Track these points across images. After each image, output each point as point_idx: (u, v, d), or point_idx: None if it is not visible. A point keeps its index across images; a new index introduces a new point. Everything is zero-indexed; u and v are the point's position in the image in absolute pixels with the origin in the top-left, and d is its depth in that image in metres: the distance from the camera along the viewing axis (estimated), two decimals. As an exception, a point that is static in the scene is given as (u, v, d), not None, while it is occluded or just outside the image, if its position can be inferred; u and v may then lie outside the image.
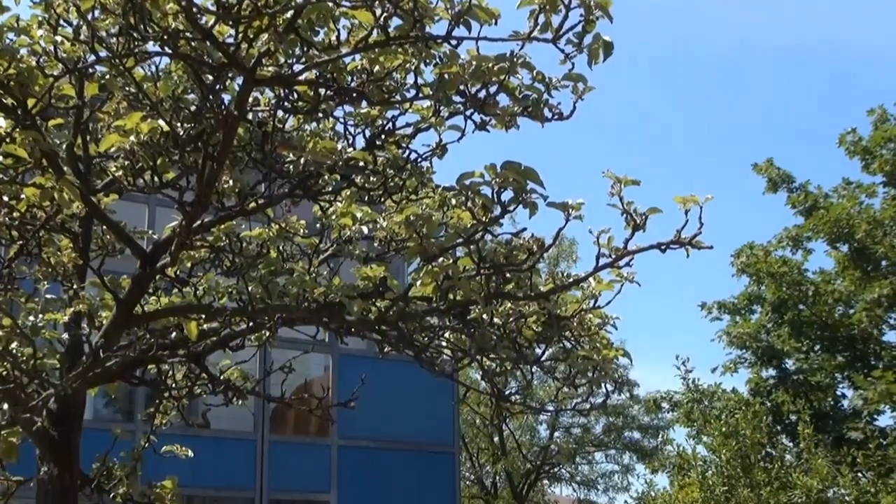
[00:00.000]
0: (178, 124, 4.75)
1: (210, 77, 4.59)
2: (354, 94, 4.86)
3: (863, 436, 19.07)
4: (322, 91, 4.89)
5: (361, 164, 5.18)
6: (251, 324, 5.74)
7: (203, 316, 5.51)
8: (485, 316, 5.31)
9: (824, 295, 22.10)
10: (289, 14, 4.19)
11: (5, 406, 5.61)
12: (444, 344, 5.95)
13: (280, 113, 5.02)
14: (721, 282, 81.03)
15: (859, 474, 16.87)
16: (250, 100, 4.74)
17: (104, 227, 5.61)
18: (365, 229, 5.43)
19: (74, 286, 5.77)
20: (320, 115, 5.15)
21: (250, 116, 4.94)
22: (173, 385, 6.33)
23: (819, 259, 24.94)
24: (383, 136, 5.35)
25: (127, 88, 4.98)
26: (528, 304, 5.39)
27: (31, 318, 5.54)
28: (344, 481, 17.05)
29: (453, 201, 5.10)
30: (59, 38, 4.70)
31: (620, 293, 5.36)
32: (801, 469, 15.41)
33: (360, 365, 16.96)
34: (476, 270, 5.08)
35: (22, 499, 7.38)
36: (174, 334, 5.80)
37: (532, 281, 5.21)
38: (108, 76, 4.84)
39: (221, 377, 6.23)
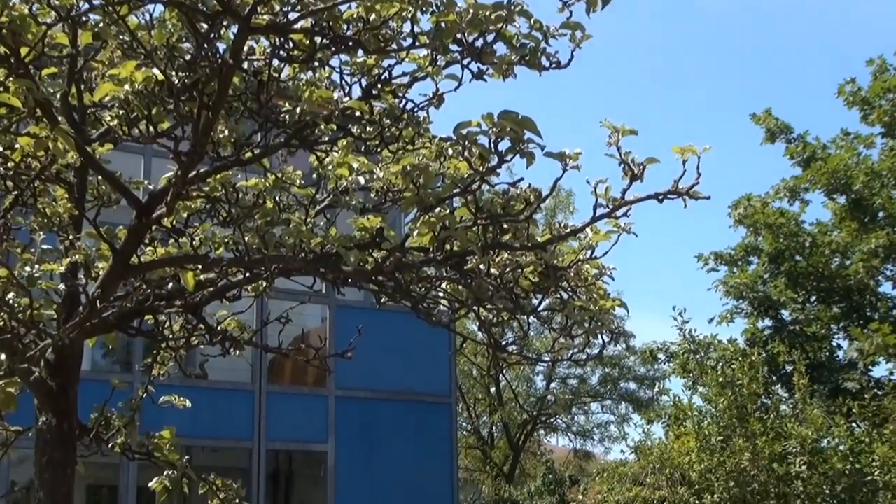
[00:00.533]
0: (173, 73, 4.71)
1: (205, 25, 4.55)
2: (350, 43, 4.81)
3: (858, 386, 19.16)
4: (318, 40, 4.85)
5: (358, 113, 5.14)
6: (248, 274, 5.74)
7: (200, 266, 5.50)
8: (482, 266, 5.30)
9: (821, 246, 22.12)
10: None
11: (2, 356, 5.62)
12: (440, 294, 5.95)
13: (275, 62, 4.98)
14: (718, 233, 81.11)
15: (854, 424, 16.96)
16: (245, 48, 4.70)
17: (99, 177, 5.59)
18: (361, 180, 5.42)
19: (70, 237, 5.76)
20: (316, 64, 5.10)
21: (245, 65, 4.90)
22: (170, 336, 6.34)
23: (816, 210, 25.07)
24: (380, 86, 5.31)
25: (121, 37, 4.93)
26: (524, 254, 5.38)
27: (28, 268, 5.53)
28: (341, 432, 17.15)
29: (450, 151, 5.08)
30: (51, -15, 4.65)
31: (617, 244, 5.36)
32: (797, 419, 15.50)
33: (356, 316, 17.01)
34: (473, 221, 5.07)
35: (21, 449, 7.43)
36: (171, 285, 5.80)
37: (529, 231, 5.20)
38: (101, 24, 4.79)
39: (219, 328, 6.24)
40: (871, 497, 15.39)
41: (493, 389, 30.72)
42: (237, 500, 7.07)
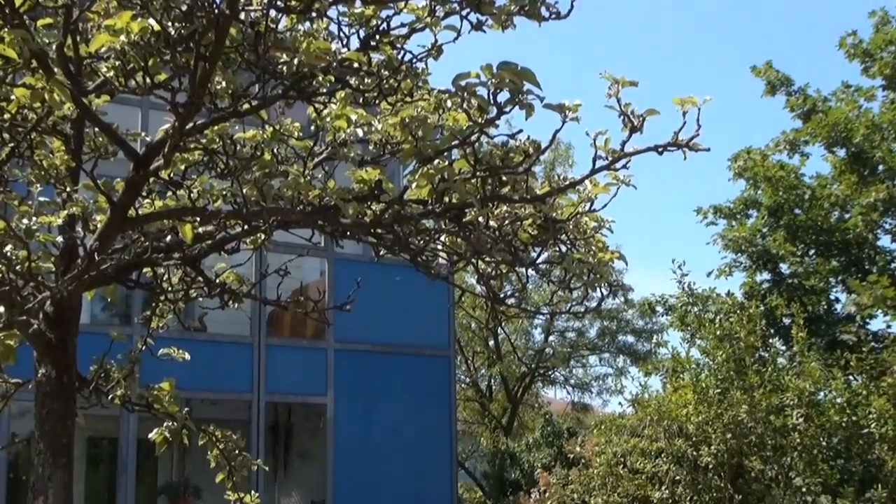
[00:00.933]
0: (170, 24, 4.66)
1: (201, -25, 4.50)
2: (348, -7, 4.77)
3: (856, 339, 19.22)
4: (315, -11, 4.80)
5: (356, 65, 5.10)
6: (246, 227, 5.72)
7: (198, 219, 5.48)
8: (480, 218, 5.29)
9: (820, 199, 22.08)
10: None
11: (1, 308, 5.62)
12: (439, 247, 5.95)
13: (273, 12, 4.93)
14: (718, 187, 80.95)
15: (851, 377, 17.04)
16: (242, -1, 4.65)
17: (96, 129, 5.56)
18: (360, 132, 5.39)
19: (67, 189, 5.74)
20: (314, 14, 5.05)
21: (242, 16, 4.85)
22: (169, 288, 6.33)
23: (816, 164, 24.99)
24: (378, 37, 5.26)
25: (116, -13, 4.88)
26: (523, 206, 5.37)
27: (25, 220, 5.52)
28: (340, 385, 17.23)
29: (449, 103, 5.04)
30: (45, -66, 4.59)
31: (617, 196, 5.35)
32: (794, 372, 15.56)
33: (355, 269, 17.01)
34: (472, 173, 5.05)
35: (22, 401, 7.45)
36: (169, 238, 5.79)
37: (528, 184, 5.18)
38: (97, -26, 4.75)
39: (217, 280, 6.24)
40: (867, 449, 15.51)
41: (491, 343, 30.81)
42: (237, 451, 7.11)
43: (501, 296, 6.31)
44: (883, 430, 15.13)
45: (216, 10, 4.48)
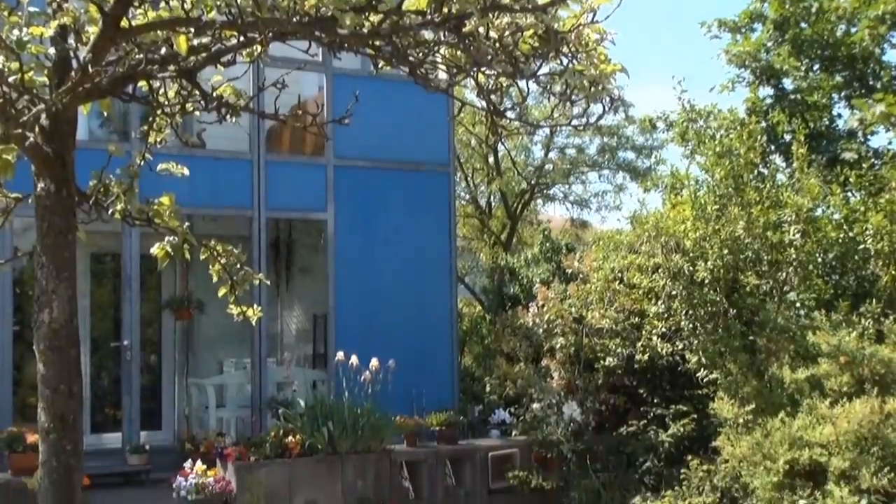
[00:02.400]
0: None
1: None
2: None
3: (856, 156, 19.19)
4: None
5: None
6: (242, 38, 5.62)
7: (192, 30, 5.37)
8: (481, 29, 5.19)
9: (827, 12, 21.65)
10: None
11: (-3, 123, 5.57)
12: (438, 60, 5.85)
13: None
14: (724, 1, 79.28)
15: (850, 194, 17.10)
16: None
17: (84, -65, 5.38)
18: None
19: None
20: None
21: None
22: (166, 102, 6.26)
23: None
24: None
25: None
26: (524, 17, 5.25)
27: (16, 31, 5.40)
28: (340, 201, 17.28)
29: None
30: None
31: (620, 7, 5.22)
32: (793, 188, 15.59)
33: (354, 84, 16.81)
34: (472, -19, 4.92)
35: (24, 217, 7.48)
36: (164, 50, 5.68)
37: (529, -7, 5.06)
38: None
39: (214, 94, 6.16)
40: (862, 264, 15.71)
41: (491, 159, 30.72)
42: (238, 266, 7.18)
43: (502, 109, 6.24)
44: (879, 246, 15.29)
45: None
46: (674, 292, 15.47)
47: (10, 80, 5.34)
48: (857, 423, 12.27)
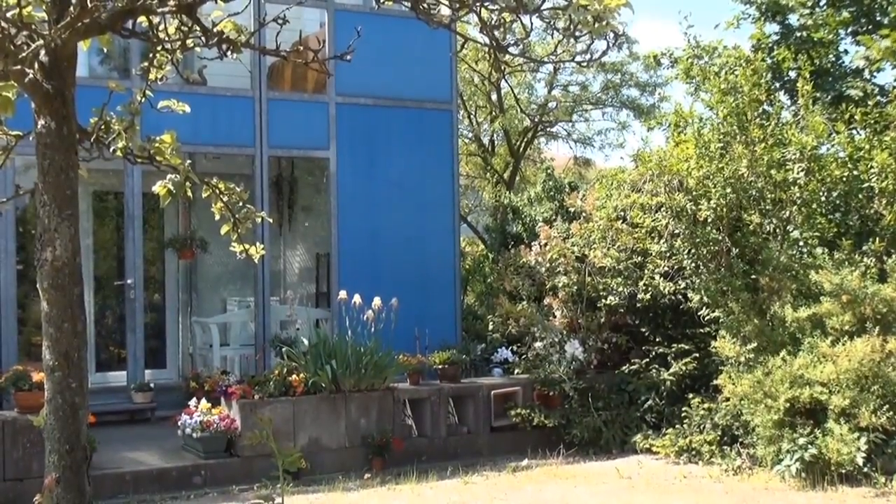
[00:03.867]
0: None
1: None
2: None
3: (862, 94, 19.04)
4: None
5: None
6: (242, -27, 5.55)
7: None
8: (484, -37, 5.12)
9: (835, -53, 21.37)
10: None
11: (-4, 59, 5.52)
12: (442, -5, 5.79)
13: None
14: (728, -64, 78.25)
15: (855, 132, 16.99)
16: None
17: None
18: None
19: (55, -67, 5.52)
20: None
21: None
22: (166, 38, 6.20)
23: None
24: None
25: None
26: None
27: (13, -34, 5.34)
28: (342, 138, 17.19)
29: None
30: None
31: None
32: (797, 126, 15.49)
33: (356, 20, 16.67)
34: (475, -85, 4.85)
35: (26, 156, 7.46)
36: (163, -15, 5.62)
37: (534, -74, 4.98)
38: None
39: (214, 29, 6.10)
40: (865, 203, 15.66)
41: (494, 97, 30.52)
42: (240, 203, 7.17)
43: (505, 45, 6.18)
44: (883, 185, 15.23)
45: None
46: (676, 231, 15.44)
47: (9, 14, 5.29)
48: (857, 361, 12.33)
